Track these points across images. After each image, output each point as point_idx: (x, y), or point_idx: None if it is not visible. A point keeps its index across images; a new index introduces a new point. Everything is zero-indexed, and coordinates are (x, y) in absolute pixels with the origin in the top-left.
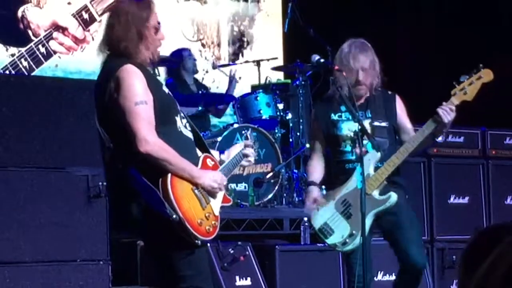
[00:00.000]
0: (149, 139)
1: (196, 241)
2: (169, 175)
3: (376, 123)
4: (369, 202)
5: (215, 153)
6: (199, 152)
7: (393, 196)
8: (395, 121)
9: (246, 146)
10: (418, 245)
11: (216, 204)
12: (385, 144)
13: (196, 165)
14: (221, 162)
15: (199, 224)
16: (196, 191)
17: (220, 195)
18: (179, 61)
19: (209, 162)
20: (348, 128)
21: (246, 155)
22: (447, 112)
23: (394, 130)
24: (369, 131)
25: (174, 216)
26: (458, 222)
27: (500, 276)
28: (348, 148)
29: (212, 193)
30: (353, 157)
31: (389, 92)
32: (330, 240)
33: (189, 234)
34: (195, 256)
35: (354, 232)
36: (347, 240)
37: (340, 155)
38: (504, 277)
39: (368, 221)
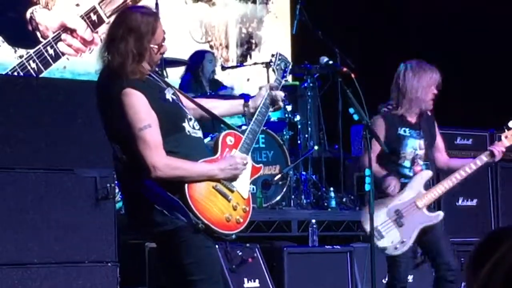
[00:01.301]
0: (157, 165)
1: (231, 237)
2: (186, 187)
3: (427, 143)
4: (419, 216)
5: (239, 101)
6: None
7: (441, 214)
8: (435, 141)
9: (271, 88)
10: (452, 253)
11: (243, 187)
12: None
13: (216, 151)
14: (247, 111)
15: (227, 220)
16: (217, 187)
17: (247, 171)
18: (199, 61)
19: (229, 140)
20: (412, 145)
21: (273, 101)
22: (500, 152)
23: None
24: (424, 151)
25: (200, 225)
26: (467, 225)
27: (500, 278)
28: (408, 164)
29: (235, 179)
30: (411, 174)
31: (429, 113)
32: (380, 243)
33: (220, 234)
34: (205, 261)
35: (404, 240)
36: (397, 246)
37: (399, 168)
38: (504, 279)
39: (415, 232)
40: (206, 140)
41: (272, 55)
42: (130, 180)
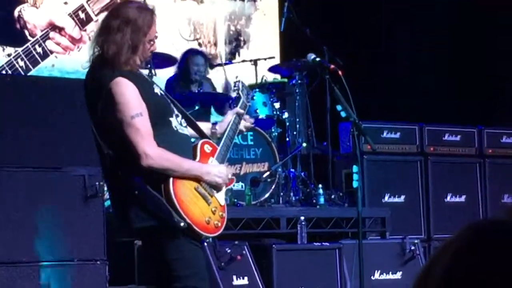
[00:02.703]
0: (149, 153)
1: (208, 240)
2: (170, 181)
3: None
4: None
5: (207, 124)
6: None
7: None
8: None
9: (237, 114)
10: None
11: (220, 194)
12: None
13: (194, 156)
14: (214, 134)
15: (207, 222)
16: (199, 189)
17: None
18: (185, 62)
19: (207, 148)
20: None
21: (240, 128)
22: None
23: None
24: None
25: (182, 224)
26: (455, 221)
27: (438, 280)
28: None
29: (217, 187)
30: None
31: None
32: None
33: (199, 235)
34: (191, 256)
35: None
36: None
37: None
38: (442, 282)
39: None
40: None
41: (235, 82)
42: (116, 175)
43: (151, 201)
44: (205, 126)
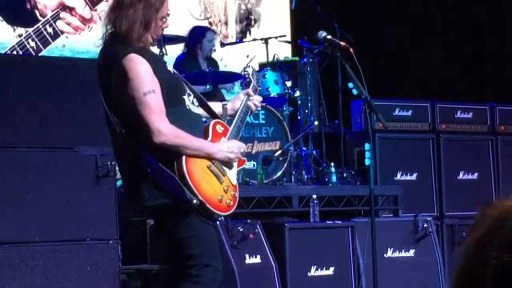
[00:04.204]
0: (162, 129)
1: (220, 218)
2: (183, 159)
3: None
4: None
5: (217, 104)
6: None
7: None
8: None
9: (248, 94)
10: None
11: (232, 173)
12: None
13: (206, 136)
14: (225, 111)
15: (219, 201)
16: (211, 167)
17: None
18: (199, 39)
19: (219, 128)
20: None
21: (250, 106)
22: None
23: None
24: None
25: (195, 201)
26: (468, 198)
27: (475, 241)
28: None
29: (228, 163)
30: None
31: None
32: None
33: (211, 213)
34: (204, 235)
35: None
36: None
37: None
38: (478, 242)
39: None
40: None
41: (245, 68)
42: (128, 153)
43: (163, 178)
44: (215, 106)
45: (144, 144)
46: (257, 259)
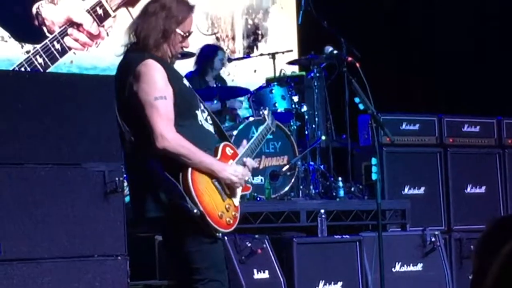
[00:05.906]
0: (166, 135)
1: (218, 234)
2: (190, 169)
3: None
4: None
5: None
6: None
7: None
8: None
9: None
10: None
11: (236, 195)
12: None
13: (215, 155)
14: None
15: (220, 217)
16: (216, 183)
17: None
18: (210, 57)
19: (228, 151)
20: None
21: (266, 134)
22: None
23: None
24: None
25: (196, 210)
26: (475, 212)
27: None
28: None
29: (232, 187)
30: None
31: None
32: None
33: (210, 227)
34: (210, 249)
35: None
36: None
37: None
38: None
39: None
40: None
41: (262, 111)
42: (135, 159)
43: (166, 186)
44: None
45: (150, 151)
46: (265, 274)
